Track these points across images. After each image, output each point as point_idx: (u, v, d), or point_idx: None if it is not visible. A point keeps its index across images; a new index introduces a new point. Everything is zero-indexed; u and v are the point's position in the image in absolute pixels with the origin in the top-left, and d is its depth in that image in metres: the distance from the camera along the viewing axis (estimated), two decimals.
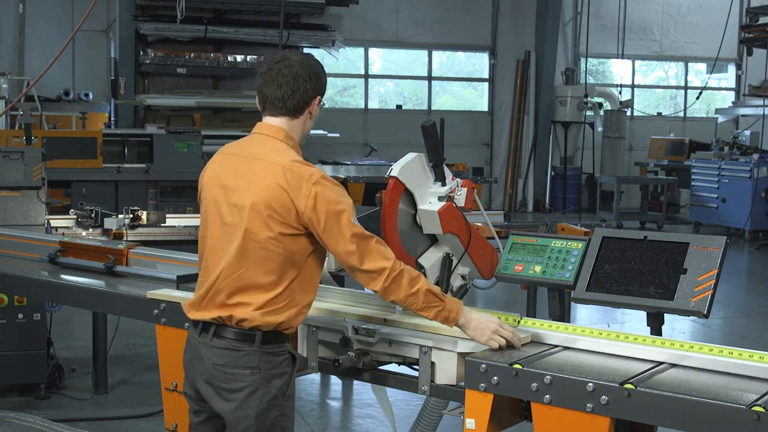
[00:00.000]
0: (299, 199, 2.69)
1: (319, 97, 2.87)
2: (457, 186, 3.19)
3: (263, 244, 2.72)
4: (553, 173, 18.10)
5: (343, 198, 2.74)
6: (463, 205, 3.17)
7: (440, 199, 3.16)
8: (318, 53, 17.01)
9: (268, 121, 2.87)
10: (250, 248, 2.73)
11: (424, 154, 3.19)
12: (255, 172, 2.76)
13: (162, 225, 6.84)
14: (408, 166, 3.15)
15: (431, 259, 3.22)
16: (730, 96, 20.24)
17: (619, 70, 19.56)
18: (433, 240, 3.25)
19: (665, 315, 2.88)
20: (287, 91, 2.81)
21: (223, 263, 2.78)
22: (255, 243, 2.73)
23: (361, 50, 17.56)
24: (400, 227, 3.15)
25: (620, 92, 18.21)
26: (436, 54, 18.31)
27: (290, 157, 2.76)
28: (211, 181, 2.89)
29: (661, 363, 2.63)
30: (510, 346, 2.80)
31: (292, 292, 2.77)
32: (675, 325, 8.00)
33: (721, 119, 18.71)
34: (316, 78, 2.84)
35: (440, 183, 3.19)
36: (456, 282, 3.27)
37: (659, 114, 19.78)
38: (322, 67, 2.91)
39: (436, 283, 3.21)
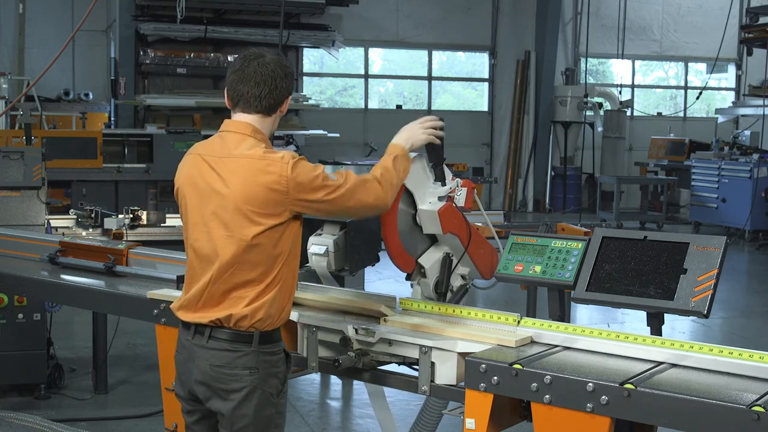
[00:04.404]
0: (279, 182, 2.72)
1: (290, 97, 2.92)
2: (457, 186, 3.19)
3: (250, 241, 2.74)
4: (553, 173, 18.09)
5: (315, 167, 2.81)
6: (463, 205, 3.18)
7: (440, 199, 3.16)
8: (318, 53, 17.03)
9: (238, 117, 2.88)
10: (239, 247, 2.75)
11: (424, 154, 3.19)
12: (230, 169, 2.78)
13: (162, 225, 6.85)
14: None
15: (431, 259, 3.22)
16: (730, 96, 20.24)
17: (619, 70, 19.56)
18: (433, 240, 3.25)
19: (665, 315, 2.88)
20: (264, 89, 2.83)
21: (215, 265, 2.79)
22: (242, 241, 2.75)
23: (361, 50, 17.55)
24: (400, 227, 3.15)
25: (620, 92, 18.21)
26: (436, 54, 18.30)
27: (261, 149, 2.79)
28: (187, 182, 2.90)
29: (661, 363, 2.62)
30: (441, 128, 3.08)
31: (282, 280, 2.82)
32: (675, 325, 8.00)
33: (721, 119, 18.71)
34: (290, 78, 2.89)
35: (440, 183, 3.20)
36: (456, 282, 3.27)
37: (659, 114, 19.77)
38: (289, 64, 2.96)
39: (437, 284, 3.21)
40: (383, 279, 9.42)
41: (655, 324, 2.90)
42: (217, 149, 2.85)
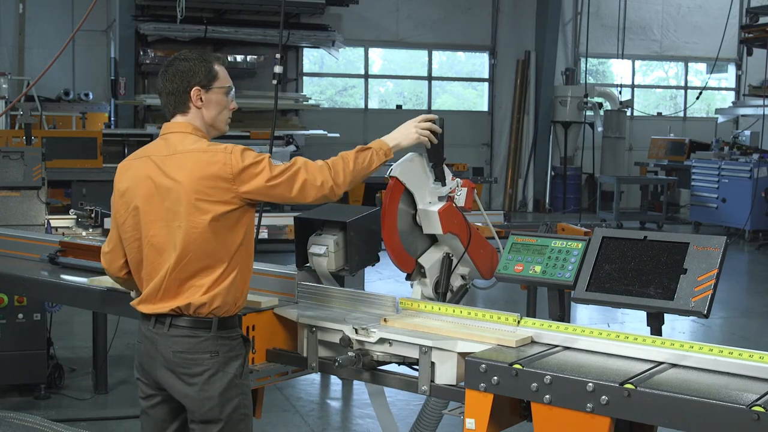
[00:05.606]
0: (224, 170, 2.85)
1: (196, 88, 2.99)
2: (457, 186, 3.20)
3: (203, 228, 2.85)
4: (553, 173, 18.10)
5: (259, 155, 2.92)
6: (463, 205, 3.19)
7: (440, 199, 3.16)
8: (318, 53, 17.03)
9: (175, 119, 3.05)
10: (192, 235, 2.86)
11: (424, 154, 3.19)
12: (178, 165, 2.90)
13: None
14: (408, 166, 3.15)
15: (431, 259, 3.23)
16: (730, 96, 20.25)
17: (619, 70, 19.56)
18: (433, 240, 3.25)
19: (665, 315, 2.88)
20: (164, 98, 3.05)
21: (172, 256, 2.89)
22: (195, 229, 2.85)
23: (361, 50, 17.56)
24: (400, 227, 3.15)
25: (620, 92, 18.21)
26: (436, 54, 18.31)
27: (205, 143, 2.95)
28: (138, 184, 2.96)
29: (661, 363, 2.62)
30: (434, 133, 3.12)
31: (237, 268, 2.93)
32: (675, 325, 8.00)
33: (721, 119, 18.71)
34: (180, 76, 2.99)
35: (440, 183, 3.20)
36: (456, 282, 3.27)
37: (659, 114, 19.78)
38: (194, 57, 3.02)
39: (436, 284, 3.22)
40: (383, 279, 9.42)
41: (655, 324, 2.90)
42: (162, 149, 2.97)
